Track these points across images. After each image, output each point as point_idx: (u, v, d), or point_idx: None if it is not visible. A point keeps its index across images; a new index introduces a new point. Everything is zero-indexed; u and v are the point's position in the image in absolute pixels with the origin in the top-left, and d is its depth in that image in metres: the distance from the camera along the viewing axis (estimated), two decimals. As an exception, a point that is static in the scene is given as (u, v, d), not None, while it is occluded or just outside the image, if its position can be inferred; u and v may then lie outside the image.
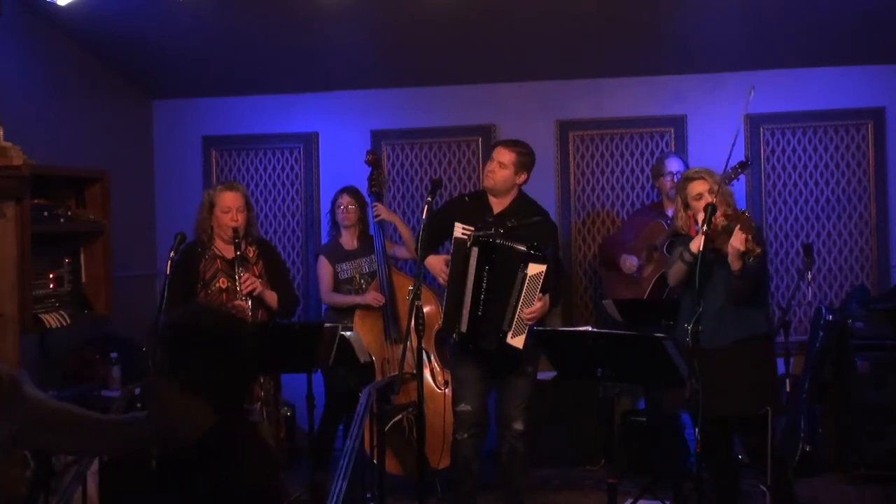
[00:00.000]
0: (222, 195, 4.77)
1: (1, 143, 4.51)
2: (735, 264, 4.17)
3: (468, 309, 4.58)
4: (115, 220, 5.43)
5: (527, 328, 4.49)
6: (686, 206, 4.52)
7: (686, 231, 4.55)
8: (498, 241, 4.56)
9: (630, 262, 5.69)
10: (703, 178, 4.44)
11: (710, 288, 4.33)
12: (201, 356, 2.30)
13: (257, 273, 4.76)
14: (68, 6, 5.35)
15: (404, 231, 5.84)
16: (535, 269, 4.47)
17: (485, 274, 4.54)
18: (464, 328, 4.60)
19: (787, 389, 5.60)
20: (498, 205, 4.78)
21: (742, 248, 4.09)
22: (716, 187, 4.38)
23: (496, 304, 4.54)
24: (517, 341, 4.49)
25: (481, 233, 4.60)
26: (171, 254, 4.50)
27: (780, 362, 5.39)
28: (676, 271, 4.47)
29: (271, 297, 4.76)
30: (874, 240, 6.21)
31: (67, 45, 6.07)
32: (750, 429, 4.46)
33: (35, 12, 5.65)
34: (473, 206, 4.81)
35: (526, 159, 4.81)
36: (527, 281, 4.48)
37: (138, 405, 4.47)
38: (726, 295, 4.35)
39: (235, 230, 4.67)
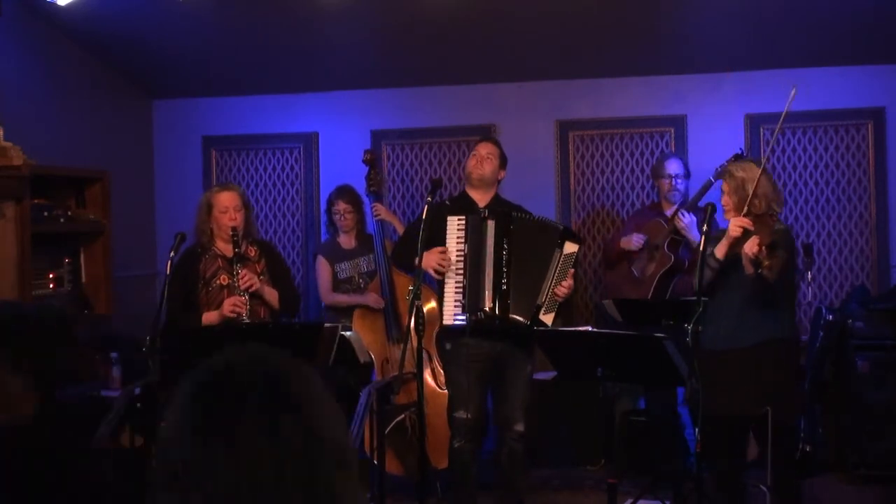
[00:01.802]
0: (219, 196, 4.78)
1: (1, 143, 4.52)
2: (747, 268, 4.16)
3: (491, 284, 4.60)
4: (115, 220, 5.43)
5: (556, 306, 4.56)
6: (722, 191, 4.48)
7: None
8: (517, 213, 4.65)
9: (636, 238, 5.64)
10: (726, 179, 4.39)
11: (731, 289, 4.33)
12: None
13: (259, 271, 4.77)
14: (68, 6, 5.35)
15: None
16: (570, 247, 4.63)
17: (504, 247, 4.59)
18: (488, 304, 4.61)
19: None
20: (481, 200, 4.83)
21: (751, 254, 4.08)
22: (740, 191, 4.30)
23: (526, 279, 4.59)
24: (548, 318, 4.58)
25: (492, 208, 4.69)
26: (171, 254, 4.50)
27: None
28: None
29: (272, 295, 4.76)
30: (874, 240, 6.21)
31: (67, 45, 6.07)
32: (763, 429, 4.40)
33: (35, 12, 5.65)
34: (458, 205, 4.84)
35: (504, 157, 4.96)
36: (562, 258, 4.60)
37: (138, 405, 4.47)
38: (743, 297, 4.33)
39: (234, 229, 4.68)
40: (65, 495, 2.16)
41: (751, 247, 4.09)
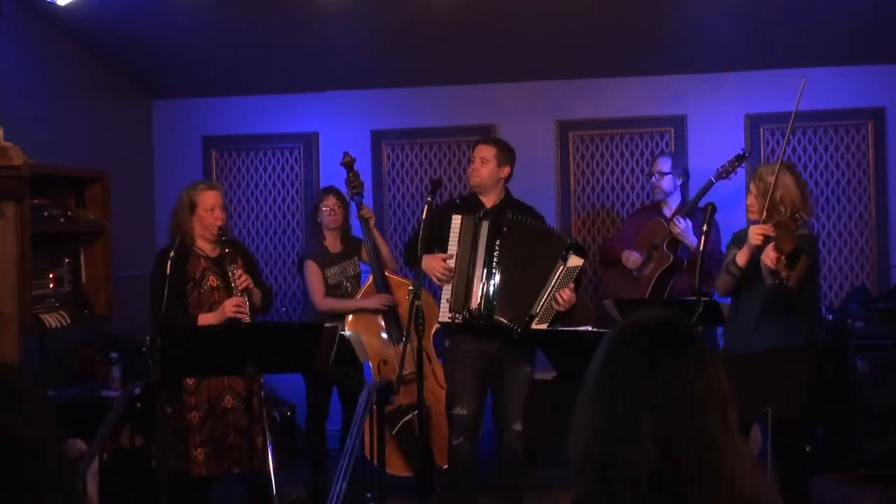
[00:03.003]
0: (204, 194, 4.71)
1: (1, 143, 4.52)
2: (766, 279, 4.12)
3: (480, 284, 4.59)
4: (115, 220, 5.44)
5: (553, 316, 4.53)
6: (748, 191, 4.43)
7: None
8: (513, 216, 4.63)
9: (634, 258, 5.68)
10: (754, 181, 4.33)
11: (749, 293, 4.30)
12: None
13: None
14: (68, 6, 5.35)
15: (384, 247, 5.67)
16: (575, 260, 4.57)
17: (496, 248, 4.57)
18: (474, 304, 4.60)
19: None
20: (488, 201, 4.82)
21: (771, 265, 4.03)
22: (767, 195, 4.24)
23: (520, 284, 4.57)
24: (541, 328, 4.53)
25: (491, 209, 4.68)
26: (172, 254, 4.50)
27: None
28: (723, 282, 4.42)
29: (256, 294, 4.76)
30: (874, 240, 6.21)
31: (67, 45, 6.07)
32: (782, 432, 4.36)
33: (35, 12, 5.65)
34: (465, 205, 4.84)
35: (506, 153, 4.88)
36: (565, 270, 4.55)
37: (138, 405, 4.48)
38: (764, 302, 4.31)
39: (221, 228, 4.66)
40: None
41: (768, 257, 4.03)
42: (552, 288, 4.54)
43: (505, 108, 6.56)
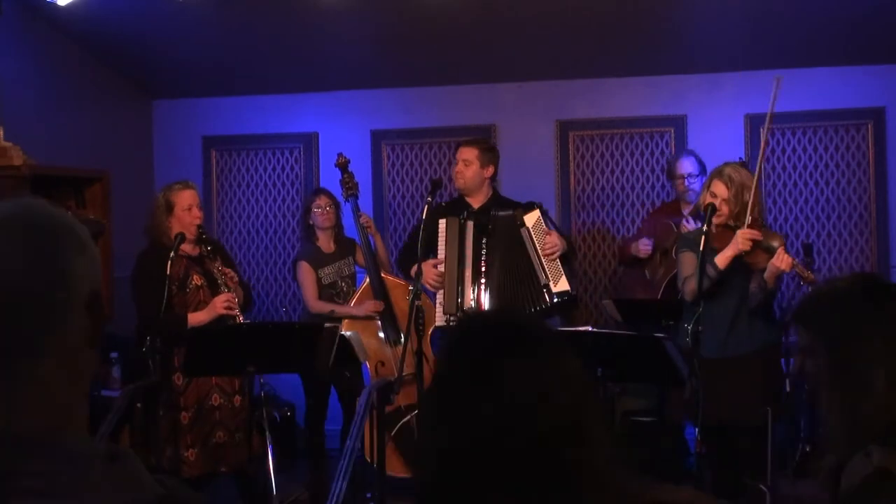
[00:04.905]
0: (181, 194, 4.68)
1: (1, 143, 4.52)
2: (770, 282, 4.14)
3: (471, 283, 4.61)
4: (115, 220, 5.43)
5: (560, 270, 4.62)
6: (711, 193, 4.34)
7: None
8: (495, 211, 4.74)
9: (644, 246, 5.61)
10: (724, 183, 4.26)
11: (723, 297, 4.29)
12: None
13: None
14: (68, 6, 5.35)
15: (381, 249, 5.61)
16: (531, 218, 4.67)
17: (483, 246, 4.62)
18: (468, 304, 4.62)
19: (788, 389, 5.59)
20: (475, 202, 4.88)
21: (787, 269, 4.04)
22: (740, 197, 4.23)
23: (512, 277, 4.66)
24: (562, 285, 4.62)
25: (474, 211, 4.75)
26: (171, 254, 4.49)
27: (781, 362, 5.38)
28: (694, 287, 4.20)
29: (239, 292, 4.75)
30: (874, 240, 6.21)
31: (67, 45, 6.07)
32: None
33: (35, 12, 5.65)
34: (452, 209, 4.88)
35: (488, 153, 4.93)
36: (532, 232, 4.64)
37: (138, 405, 4.48)
38: (739, 305, 4.30)
39: (200, 227, 4.64)
40: None
41: (784, 262, 4.03)
42: (538, 253, 4.67)
43: (505, 108, 6.56)
